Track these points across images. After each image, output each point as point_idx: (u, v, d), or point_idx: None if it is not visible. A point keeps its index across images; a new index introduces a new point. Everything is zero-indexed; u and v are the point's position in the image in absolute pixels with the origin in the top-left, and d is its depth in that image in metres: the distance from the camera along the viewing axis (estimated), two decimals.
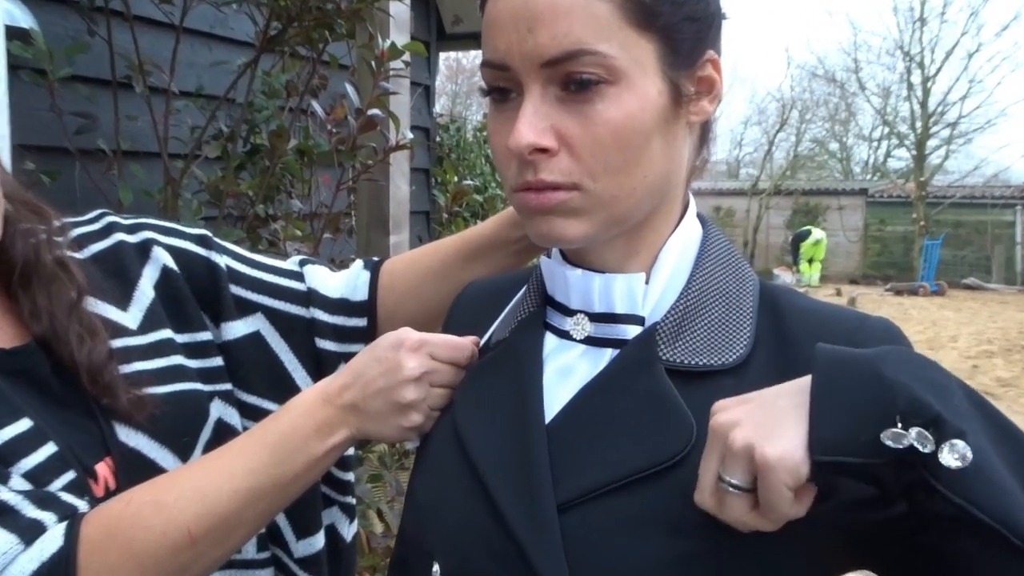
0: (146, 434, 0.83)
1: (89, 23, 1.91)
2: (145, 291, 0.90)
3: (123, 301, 0.89)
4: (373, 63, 1.77)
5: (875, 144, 25.64)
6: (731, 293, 0.68)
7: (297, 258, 1.08)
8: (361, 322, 1.01)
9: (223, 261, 0.98)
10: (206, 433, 0.89)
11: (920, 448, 0.50)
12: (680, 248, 0.70)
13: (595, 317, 0.70)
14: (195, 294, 0.95)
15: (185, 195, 1.97)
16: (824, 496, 0.55)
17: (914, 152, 19.08)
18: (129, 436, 0.82)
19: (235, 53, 2.38)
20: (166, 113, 1.95)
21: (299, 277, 1.03)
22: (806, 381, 0.55)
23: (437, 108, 4.23)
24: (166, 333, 0.90)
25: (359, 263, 1.06)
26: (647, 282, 0.69)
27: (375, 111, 1.85)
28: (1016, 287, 17.12)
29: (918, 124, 18.87)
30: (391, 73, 1.91)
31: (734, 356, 0.65)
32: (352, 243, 2.54)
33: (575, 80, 0.61)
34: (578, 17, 0.60)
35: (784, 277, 17.95)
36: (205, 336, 0.95)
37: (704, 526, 0.59)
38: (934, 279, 16.49)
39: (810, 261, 17.38)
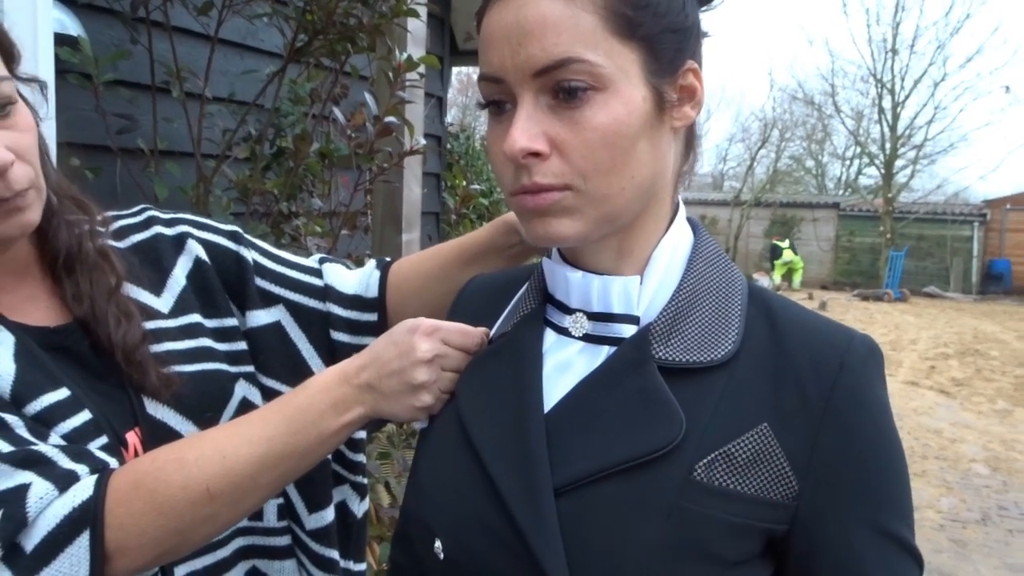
0: (173, 408, 0.84)
1: (132, 32, 1.91)
2: (178, 279, 0.92)
3: (157, 287, 0.91)
4: (391, 74, 1.76)
5: (848, 162, 25.57)
6: (720, 293, 0.67)
7: (318, 256, 1.08)
8: (372, 317, 1.01)
9: (251, 256, 0.99)
10: (230, 409, 0.90)
11: None
12: (671, 250, 0.69)
13: (593, 316, 0.69)
14: (224, 284, 0.96)
15: (215, 192, 1.96)
16: None
17: (883, 171, 19.02)
18: (157, 409, 0.83)
19: (264, 62, 2.38)
20: (200, 116, 1.94)
21: (318, 274, 1.03)
22: None
23: (448, 118, 4.22)
24: (195, 317, 0.91)
25: (372, 263, 1.07)
26: (641, 283, 0.68)
27: (391, 119, 1.84)
28: (972, 296, 17.10)
29: (887, 145, 18.80)
30: (407, 84, 1.90)
31: (722, 353, 0.64)
32: (367, 240, 2.53)
33: (564, 88, 0.60)
34: (565, 29, 0.59)
35: (762, 281, 17.97)
36: (232, 322, 0.95)
37: (691, 514, 0.59)
38: (898, 287, 16.48)
39: (789, 272, 17.41)
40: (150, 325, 0.86)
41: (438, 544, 0.65)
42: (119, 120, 1.88)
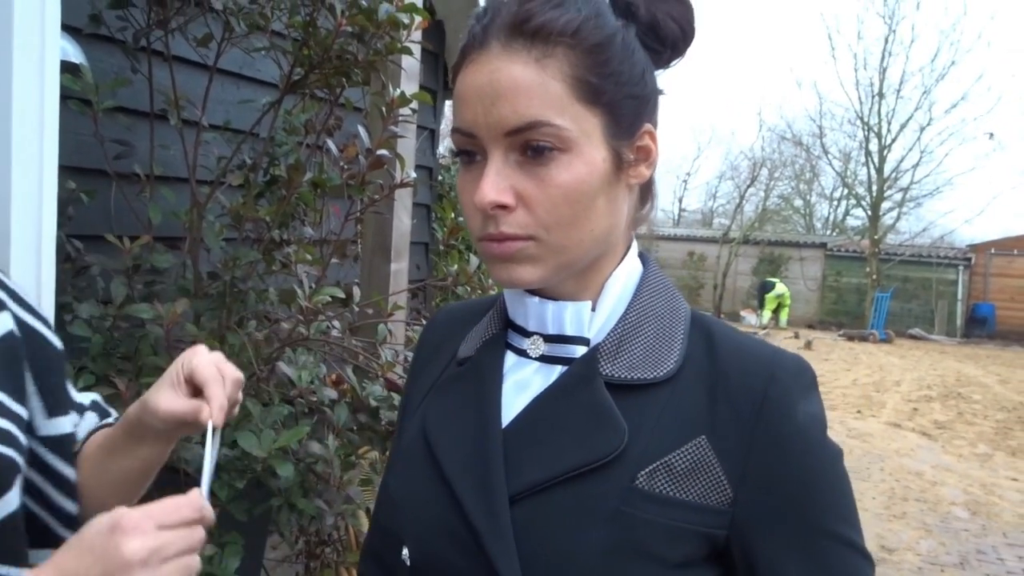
0: None
1: (132, 61, 1.96)
2: None
3: None
4: (384, 109, 1.82)
5: (835, 203, 25.92)
6: (664, 317, 0.73)
7: (90, 398, 0.96)
8: (73, 508, 0.84)
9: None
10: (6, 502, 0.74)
11: None
12: (623, 280, 0.74)
13: (548, 338, 0.74)
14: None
15: (209, 218, 2.00)
16: None
17: (869, 212, 19.27)
18: None
19: (261, 92, 2.43)
20: (196, 143, 1.99)
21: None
22: None
23: (440, 149, 4.28)
24: None
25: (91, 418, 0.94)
26: (593, 309, 0.74)
27: (383, 151, 1.90)
28: (956, 339, 17.27)
29: (874, 187, 19.08)
30: (400, 119, 1.95)
31: (665, 370, 0.69)
32: (356, 268, 2.57)
33: (532, 147, 0.65)
34: (536, 94, 0.64)
35: (749, 318, 18.06)
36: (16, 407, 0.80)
37: (633, 519, 0.63)
38: (883, 328, 16.61)
39: (777, 307, 17.53)
40: None
41: (405, 552, 0.70)
42: (116, 146, 1.92)
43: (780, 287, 17.50)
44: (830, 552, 0.66)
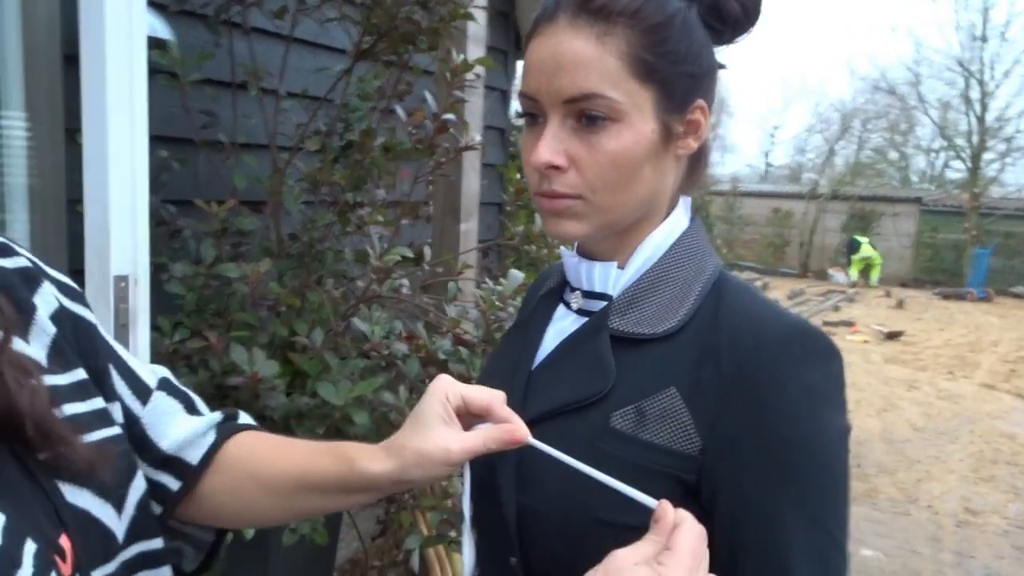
0: (92, 491, 0.63)
1: (215, 35, 2.07)
2: (44, 322, 0.68)
3: (22, 330, 0.66)
4: (448, 74, 1.88)
5: (933, 155, 24.60)
6: (685, 277, 0.77)
7: (160, 373, 0.83)
8: (174, 484, 0.77)
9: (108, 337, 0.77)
10: (137, 485, 0.70)
11: None
12: (656, 242, 0.80)
13: (585, 294, 0.82)
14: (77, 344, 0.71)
15: (288, 182, 2.11)
16: None
17: (969, 164, 18.25)
18: (77, 496, 0.62)
19: (336, 60, 2.52)
20: (275, 111, 2.09)
21: (146, 395, 0.78)
22: None
23: (512, 110, 4.31)
24: (80, 372, 0.68)
25: (217, 417, 0.83)
26: (622, 267, 0.80)
27: (449, 115, 1.96)
28: None
29: (975, 138, 18.03)
30: (466, 84, 2.01)
31: (665, 327, 0.74)
32: (428, 229, 2.66)
33: (587, 115, 0.72)
34: (594, 68, 0.70)
35: (838, 277, 17.49)
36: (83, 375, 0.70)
37: (603, 453, 0.71)
38: (982, 286, 15.81)
39: (866, 268, 16.89)
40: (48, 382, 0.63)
41: (467, 471, 0.79)
42: (202, 116, 2.04)
43: (866, 249, 16.76)
44: (794, 528, 0.67)
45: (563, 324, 0.84)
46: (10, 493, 0.55)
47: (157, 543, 0.70)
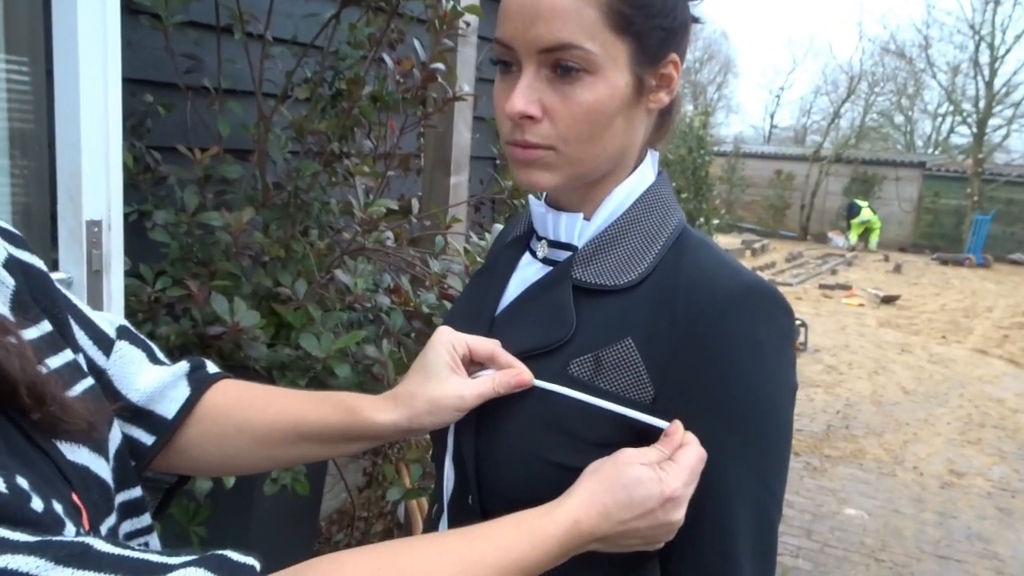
0: (86, 445, 0.61)
1: None
2: (1, 274, 0.63)
3: None
4: (437, 22, 1.82)
5: (939, 120, 24.31)
6: (648, 231, 0.77)
7: (118, 322, 0.79)
8: (148, 439, 0.75)
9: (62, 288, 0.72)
10: (115, 433, 0.68)
11: None
12: (622, 195, 0.79)
13: (551, 244, 0.82)
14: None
15: (275, 131, 2.07)
16: None
17: (975, 129, 18.04)
18: (75, 453, 0.60)
19: (325, 6, 2.45)
20: (261, 57, 2.04)
21: (108, 346, 0.75)
22: None
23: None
24: (47, 324, 0.65)
25: (184, 367, 0.80)
26: (588, 219, 0.79)
27: (438, 65, 1.91)
28: None
29: (982, 103, 17.79)
30: (458, 33, 1.95)
31: (627, 280, 0.75)
32: (419, 182, 2.62)
33: (562, 66, 0.70)
34: (571, 18, 0.69)
35: (837, 240, 17.44)
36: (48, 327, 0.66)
37: (555, 396, 0.72)
38: (981, 252, 15.77)
39: (865, 231, 16.82)
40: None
41: None
42: (186, 60, 1.99)
43: (865, 213, 16.69)
44: (736, 477, 0.70)
45: (528, 272, 0.84)
46: (21, 457, 0.53)
47: (137, 491, 0.70)
